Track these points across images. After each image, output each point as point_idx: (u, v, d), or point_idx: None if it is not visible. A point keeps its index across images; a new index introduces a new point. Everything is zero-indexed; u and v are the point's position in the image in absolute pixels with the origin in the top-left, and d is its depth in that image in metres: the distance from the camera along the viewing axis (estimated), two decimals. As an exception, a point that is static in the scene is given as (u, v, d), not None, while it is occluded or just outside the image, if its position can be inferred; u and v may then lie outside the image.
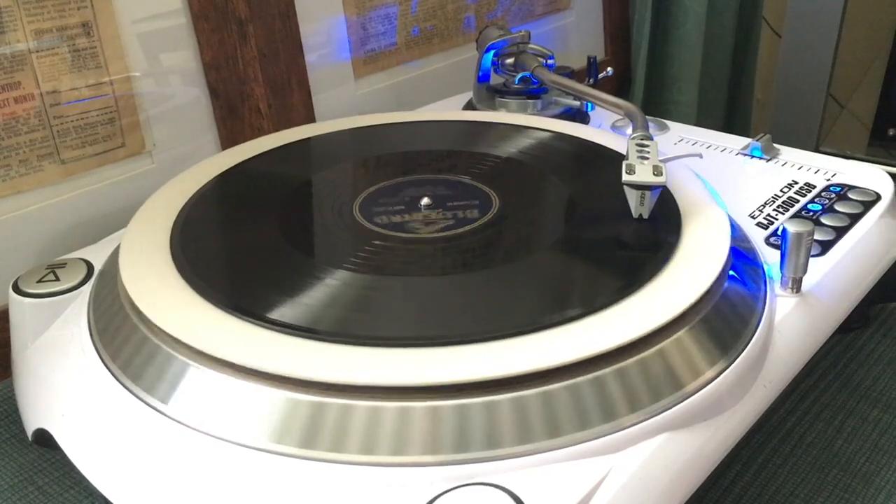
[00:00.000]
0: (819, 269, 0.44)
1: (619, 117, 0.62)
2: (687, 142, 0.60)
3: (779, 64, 0.97)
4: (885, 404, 0.47)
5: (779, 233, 0.46)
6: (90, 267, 0.46)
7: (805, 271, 0.42)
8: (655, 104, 1.01)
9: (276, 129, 0.63)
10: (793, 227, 0.40)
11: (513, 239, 0.43)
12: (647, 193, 0.43)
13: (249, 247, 0.44)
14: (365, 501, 0.32)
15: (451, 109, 0.67)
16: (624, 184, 0.43)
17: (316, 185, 0.51)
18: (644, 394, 0.34)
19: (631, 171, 0.43)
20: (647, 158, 0.44)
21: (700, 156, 0.48)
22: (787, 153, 0.57)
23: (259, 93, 0.63)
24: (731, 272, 0.41)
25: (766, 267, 0.44)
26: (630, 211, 0.44)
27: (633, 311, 0.36)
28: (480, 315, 0.37)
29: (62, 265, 0.46)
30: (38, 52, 0.52)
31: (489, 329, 0.35)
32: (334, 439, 0.33)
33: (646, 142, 0.46)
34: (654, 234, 0.43)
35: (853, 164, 0.55)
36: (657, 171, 0.43)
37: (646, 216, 0.43)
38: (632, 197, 0.43)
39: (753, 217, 0.49)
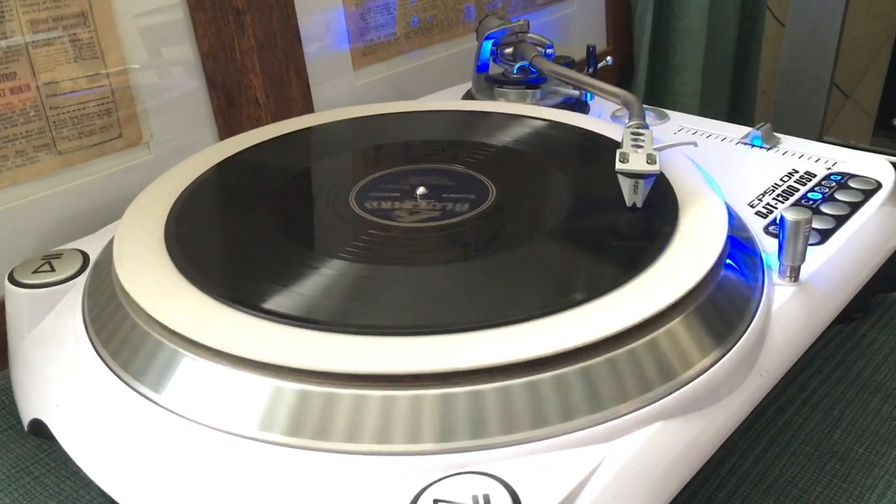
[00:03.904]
0: (818, 258, 0.44)
1: (619, 107, 0.62)
2: (687, 131, 0.60)
3: (782, 54, 0.96)
4: (885, 394, 0.47)
5: (777, 221, 0.46)
6: (86, 257, 0.46)
7: (803, 260, 0.41)
8: (658, 95, 1.01)
9: (275, 120, 0.63)
10: (791, 215, 0.40)
11: (509, 228, 0.43)
12: (641, 182, 0.42)
13: (245, 237, 0.44)
14: (357, 490, 0.32)
15: (449, 99, 0.67)
16: (617, 172, 0.43)
17: (313, 175, 0.51)
18: (639, 382, 0.34)
19: (624, 159, 0.43)
20: (641, 147, 0.44)
21: (695, 144, 0.48)
22: (788, 142, 0.57)
23: (257, 83, 0.63)
24: (728, 261, 0.40)
25: (764, 256, 0.44)
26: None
27: (628, 300, 0.36)
28: (474, 304, 0.37)
29: (58, 256, 0.46)
30: (34, 42, 0.52)
31: (483, 318, 0.35)
32: (327, 429, 0.33)
33: (640, 130, 0.46)
34: (651, 223, 0.42)
35: (854, 152, 0.55)
36: (651, 159, 0.43)
37: (639, 205, 0.43)
38: (625, 185, 0.43)
39: (752, 206, 0.49)
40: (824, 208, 0.48)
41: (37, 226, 0.55)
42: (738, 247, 0.42)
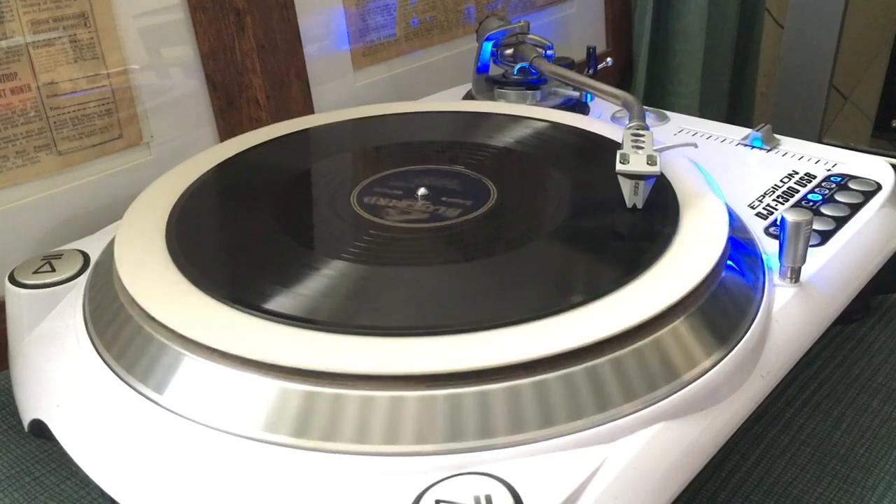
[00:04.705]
0: (818, 259, 0.44)
1: (619, 108, 0.62)
2: (687, 132, 0.60)
3: (781, 55, 0.96)
4: (885, 395, 0.47)
5: (778, 222, 0.46)
6: (86, 258, 0.46)
7: (804, 261, 0.42)
8: (657, 96, 1.01)
9: (275, 121, 0.63)
10: (791, 217, 0.40)
11: (510, 229, 0.43)
12: (641, 183, 0.42)
13: (245, 237, 0.44)
14: (359, 490, 0.32)
15: (450, 100, 0.67)
16: (618, 173, 0.43)
17: (313, 176, 0.51)
18: (640, 383, 0.34)
19: (625, 160, 0.43)
20: (641, 148, 0.44)
21: (695, 145, 0.48)
22: (788, 143, 0.57)
23: (257, 84, 0.63)
24: (729, 262, 0.40)
25: (764, 257, 0.44)
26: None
27: (629, 301, 0.36)
28: (476, 304, 0.37)
29: (58, 256, 0.46)
30: (34, 43, 0.52)
31: (484, 318, 0.35)
32: (329, 429, 0.33)
33: (641, 131, 0.46)
34: (651, 224, 0.42)
35: (854, 154, 0.55)
36: (651, 160, 0.43)
37: (640, 206, 0.43)
38: (626, 186, 0.43)
39: (753, 207, 0.49)
40: (824, 210, 0.48)
41: (37, 226, 0.55)
42: (739, 248, 0.42)
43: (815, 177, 0.52)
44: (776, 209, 0.49)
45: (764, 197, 0.50)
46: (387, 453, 0.32)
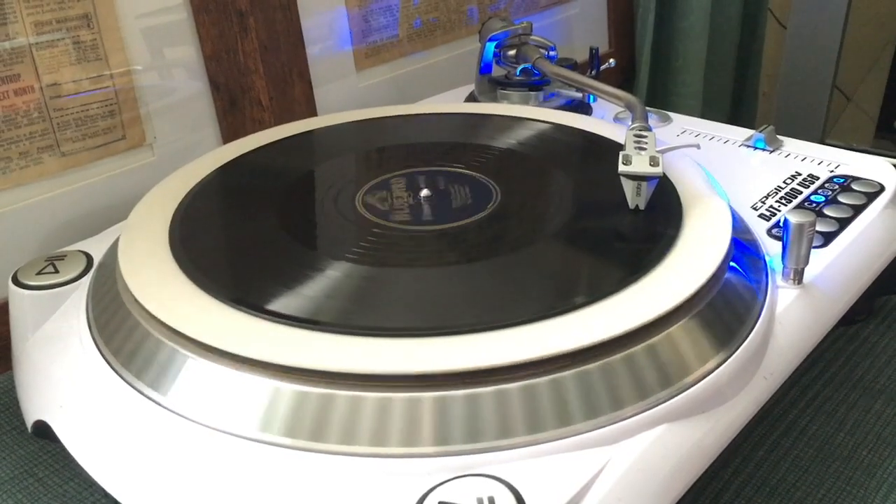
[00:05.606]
0: (821, 261, 0.44)
1: (622, 109, 0.62)
2: (690, 133, 0.60)
3: (784, 56, 0.96)
4: (889, 397, 0.47)
5: (781, 224, 0.46)
6: (90, 259, 0.46)
7: (807, 262, 0.42)
8: (660, 97, 1.01)
9: (278, 122, 0.63)
10: (794, 218, 0.40)
11: (513, 230, 0.43)
12: (644, 184, 0.42)
13: (249, 239, 0.44)
14: (362, 491, 0.32)
15: (452, 102, 0.67)
16: (620, 174, 0.43)
17: (317, 178, 0.51)
18: (643, 384, 0.34)
19: (627, 161, 0.43)
20: (644, 149, 0.44)
21: (698, 146, 0.48)
22: (791, 144, 0.57)
23: (260, 85, 0.63)
24: (732, 263, 0.40)
25: (767, 258, 0.44)
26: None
27: (632, 302, 0.36)
28: (478, 306, 0.37)
29: (62, 257, 0.46)
30: (37, 44, 0.52)
31: (486, 320, 0.35)
32: (334, 430, 0.33)
33: (643, 133, 0.46)
34: (654, 225, 0.42)
35: (857, 155, 0.55)
36: (654, 161, 0.43)
37: (642, 207, 0.43)
38: (628, 188, 0.43)
39: (756, 208, 0.49)
40: (827, 211, 0.48)
41: (40, 227, 0.55)
42: (742, 249, 0.42)
43: (818, 178, 0.52)
44: (779, 210, 0.49)
45: (767, 198, 0.50)
46: (390, 454, 0.32)
